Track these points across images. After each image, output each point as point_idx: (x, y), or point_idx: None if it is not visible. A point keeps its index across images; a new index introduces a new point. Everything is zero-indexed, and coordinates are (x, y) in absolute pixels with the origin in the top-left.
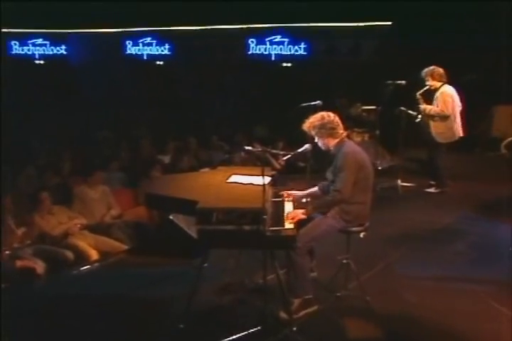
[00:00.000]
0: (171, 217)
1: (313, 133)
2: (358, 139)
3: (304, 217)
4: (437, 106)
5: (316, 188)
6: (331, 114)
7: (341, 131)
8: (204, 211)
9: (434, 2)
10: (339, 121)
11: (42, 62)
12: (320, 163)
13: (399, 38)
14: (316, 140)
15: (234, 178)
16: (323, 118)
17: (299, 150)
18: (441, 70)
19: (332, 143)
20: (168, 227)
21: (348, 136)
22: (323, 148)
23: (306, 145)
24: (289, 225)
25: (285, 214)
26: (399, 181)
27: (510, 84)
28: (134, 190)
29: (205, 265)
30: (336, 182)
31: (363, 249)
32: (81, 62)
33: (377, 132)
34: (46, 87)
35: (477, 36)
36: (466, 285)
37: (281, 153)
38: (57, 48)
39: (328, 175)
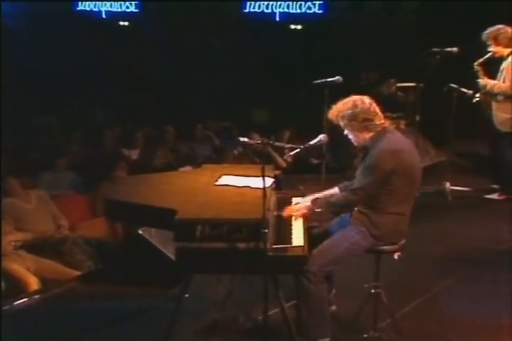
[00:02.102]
0: (140, 232)
1: (341, 124)
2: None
3: (305, 211)
4: (503, 81)
5: (335, 189)
6: (366, 100)
7: (379, 122)
8: (185, 223)
9: None
10: (377, 110)
11: None
12: (339, 159)
13: None
14: (346, 132)
15: (225, 180)
16: (354, 106)
17: (312, 142)
18: (510, 31)
19: (364, 138)
20: (136, 246)
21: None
22: (355, 144)
23: (321, 136)
24: (298, 241)
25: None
26: (447, 184)
27: None
28: (90, 195)
29: (186, 296)
30: (358, 181)
31: (398, 275)
32: (14, 20)
33: (418, 118)
34: None
35: None
36: None
37: (288, 146)
38: None
39: (359, 175)
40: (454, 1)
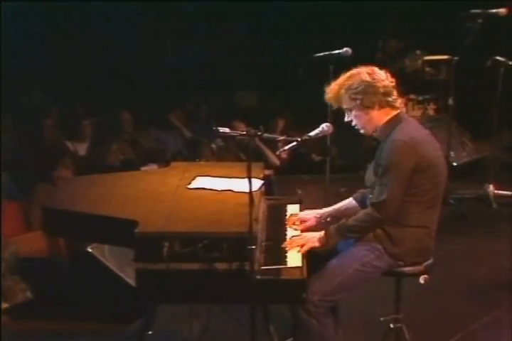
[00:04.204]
0: (89, 250)
1: (345, 105)
2: (417, 114)
3: (317, 245)
4: None
5: (350, 201)
6: (378, 70)
7: (398, 101)
8: (148, 239)
9: None
10: (394, 83)
11: None
12: (348, 154)
13: None
14: (348, 118)
15: (200, 182)
16: (364, 78)
17: (312, 133)
18: None
19: (381, 121)
20: (83, 268)
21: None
22: (364, 131)
23: (324, 125)
24: (294, 261)
25: (288, 239)
26: (491, 187)
27: None
28: (24, 202)
29: (150, 333)
30: (377, 190)
31: (425, 305)
32: None
33: (451, 101)
34: None
35: None
36: None
37: (282, 138)
38: None
39: (369, 176)
40: None
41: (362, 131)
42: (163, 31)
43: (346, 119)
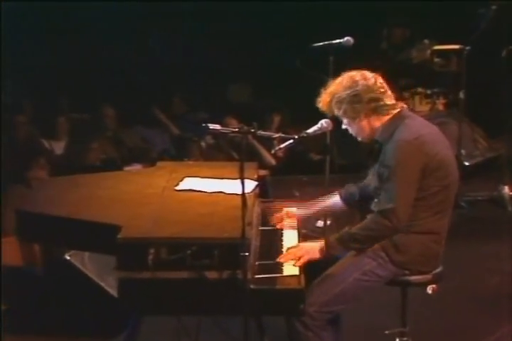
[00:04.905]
0: (67, 258)
1: (337, 113)
2: (425, 109)
3: (317, 257)
4: None
5: (335, 199)
6: (367, 75)
7: (390, 102)
8: (132, 245)
9: None
10: (385, 86)
11: None
12: (349, 153)
13: None
14: (345, 125)
15: (189, 183)
16: (354, 82)
17: (311, 130)
18: None
19: (377, 124)
20: (61, 277)
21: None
22: (359, 139)
23: (323, 122)
24: (291, 270)
25: (284, 250)
26: (506, 189)
27: None
28: None
29: None
30: (384, 196)
31: (434, 317)
32: None
33: (463, 95)
34: None
35: None
36: None
37: (277, 135)
38: None
39: (371, 178)
40: None
41: (359, 139)
42: (151, 26)
43: (343, 127)
